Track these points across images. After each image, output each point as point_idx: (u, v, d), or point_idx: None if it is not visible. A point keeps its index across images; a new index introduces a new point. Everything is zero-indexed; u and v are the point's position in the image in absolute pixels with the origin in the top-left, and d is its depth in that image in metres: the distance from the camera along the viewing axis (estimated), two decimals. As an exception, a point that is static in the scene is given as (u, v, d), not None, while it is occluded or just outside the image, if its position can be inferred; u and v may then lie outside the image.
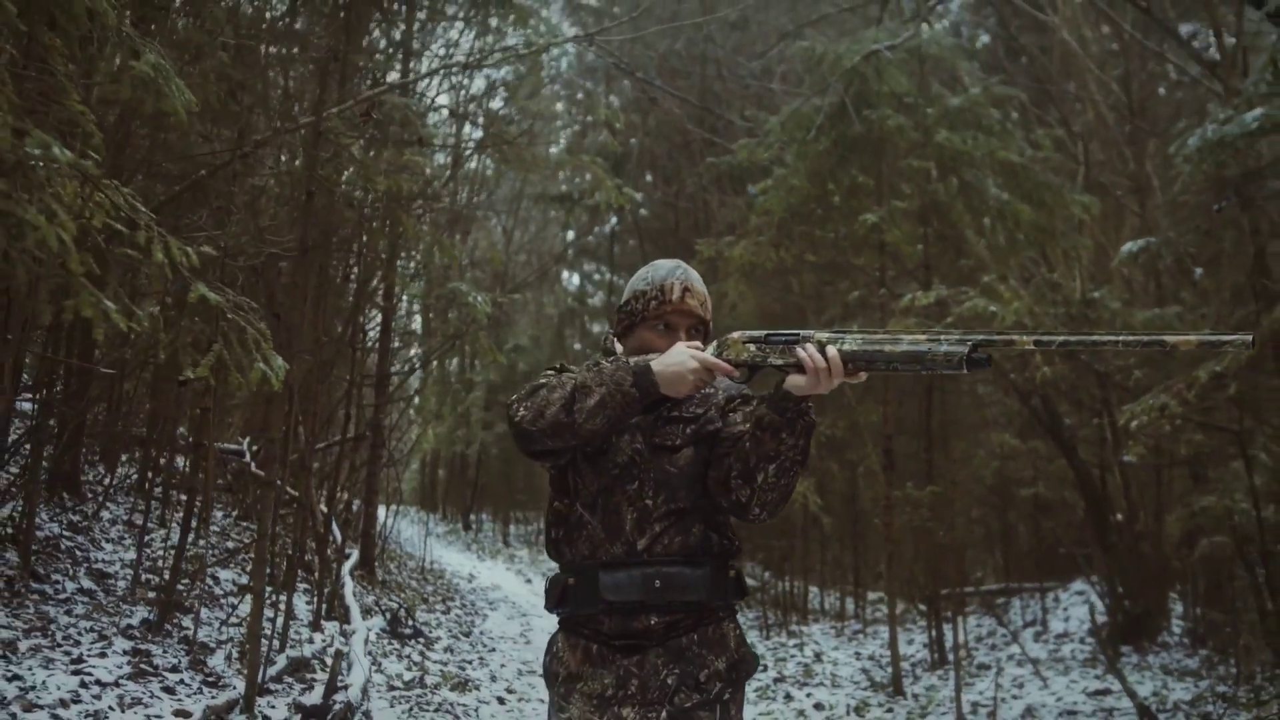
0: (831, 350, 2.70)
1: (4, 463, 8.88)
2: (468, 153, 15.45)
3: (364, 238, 12.43)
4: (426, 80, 12.90)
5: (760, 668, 12.71)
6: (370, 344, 15.91)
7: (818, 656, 13.30)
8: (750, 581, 18.34)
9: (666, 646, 2.88)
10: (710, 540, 2.96)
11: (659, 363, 2.87)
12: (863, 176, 11.21)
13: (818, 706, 10.41)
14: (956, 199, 11.01)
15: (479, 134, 15.94)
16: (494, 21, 11.06)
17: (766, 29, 20.65)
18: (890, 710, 10.15)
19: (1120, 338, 2.43)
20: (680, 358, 2.86)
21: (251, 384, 3.92)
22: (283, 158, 10.85)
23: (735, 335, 2.93)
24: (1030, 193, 11.17)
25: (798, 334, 2.81)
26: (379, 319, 15.78)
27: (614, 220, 28.00)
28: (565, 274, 33.92)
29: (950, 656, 12.26)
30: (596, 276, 33.34)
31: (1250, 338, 2.24)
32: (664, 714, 2.82)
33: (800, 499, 14.20)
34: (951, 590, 14.98)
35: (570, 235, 31.58)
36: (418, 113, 11.31)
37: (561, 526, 3.06)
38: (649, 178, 26.61)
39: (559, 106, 25.89)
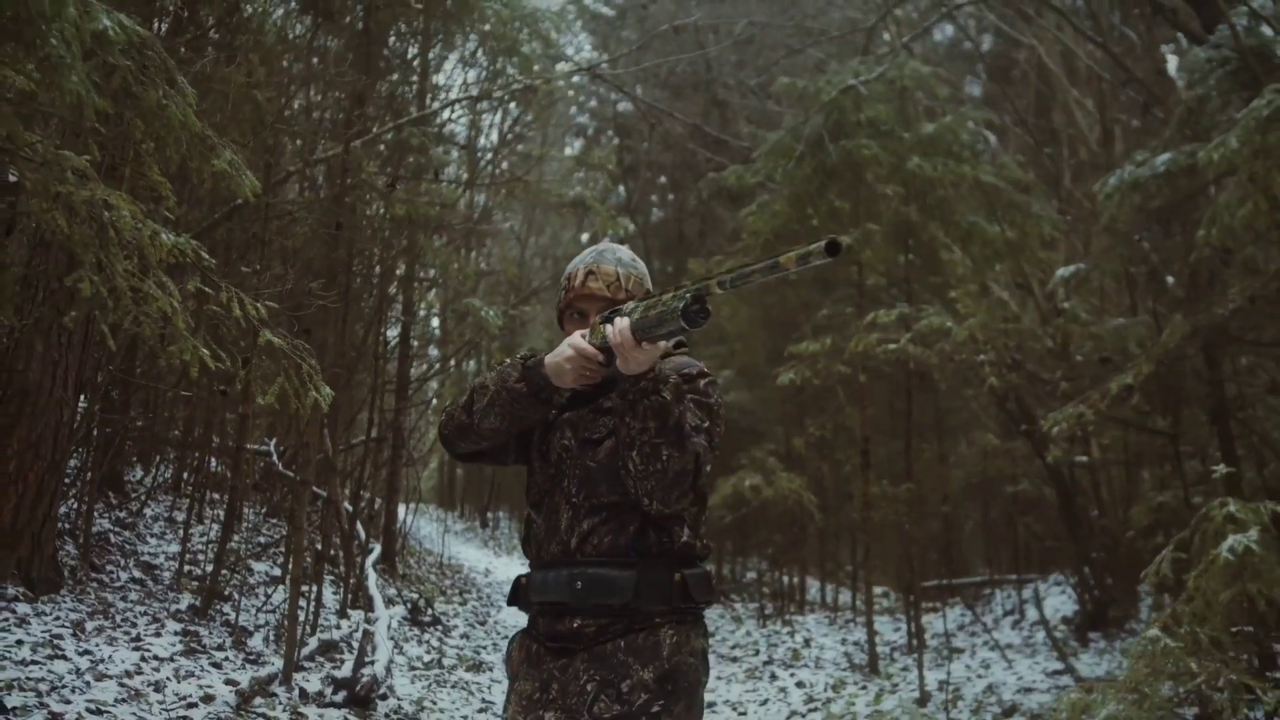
0: (622, 322, 2.60)
1: (64, 466, 9.86)
2: (480, 185, 16.35)
3: (383, 257, 13.39)
4: (442, 113, 13.86)
5: (754, 652, 13.71)
6: (390, 351, 16.84)
7: (806, 642, 14.27)
8: (750, 574, 19.30)
9: (592, 652, 2.76)
10: (647, 539, 2.81)
11: (550, 354, 2.83)
12: (840, 201, 12.14)
13: (799, 685, 11.42)
14: (930, 220, 11.93)
15: (492, 152, 17.02)
16: (502, 64, 11.97)
17: (768, 46, 21.47)
18: (864, 688, 11.13)
19: (755, 267, 2.35)
20: (562, 347, 2.80)
21: (306, 407, 4.90)
22: (308, 190, 11.84)
23: (598, 317, 2.81)
24: (1001, 212, 12.10)
25: (619, 310, 2.69)
26: (398, 329, 16.72)
27: (628, 226, 28.87)
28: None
29: (929, 642, 13.20)
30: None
31: (824, 244, 2.19)
32: None
33: (795, 495, 15.12)
34: (939, 582, 15.94)
35: (584, 238, 32.44)
36: (433, 138, 12.27)
37: (526, 526, 3.06)
38: (663, 179, 27.33)
39: (572, 110, 26.76)
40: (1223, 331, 8.27)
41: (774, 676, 11.99)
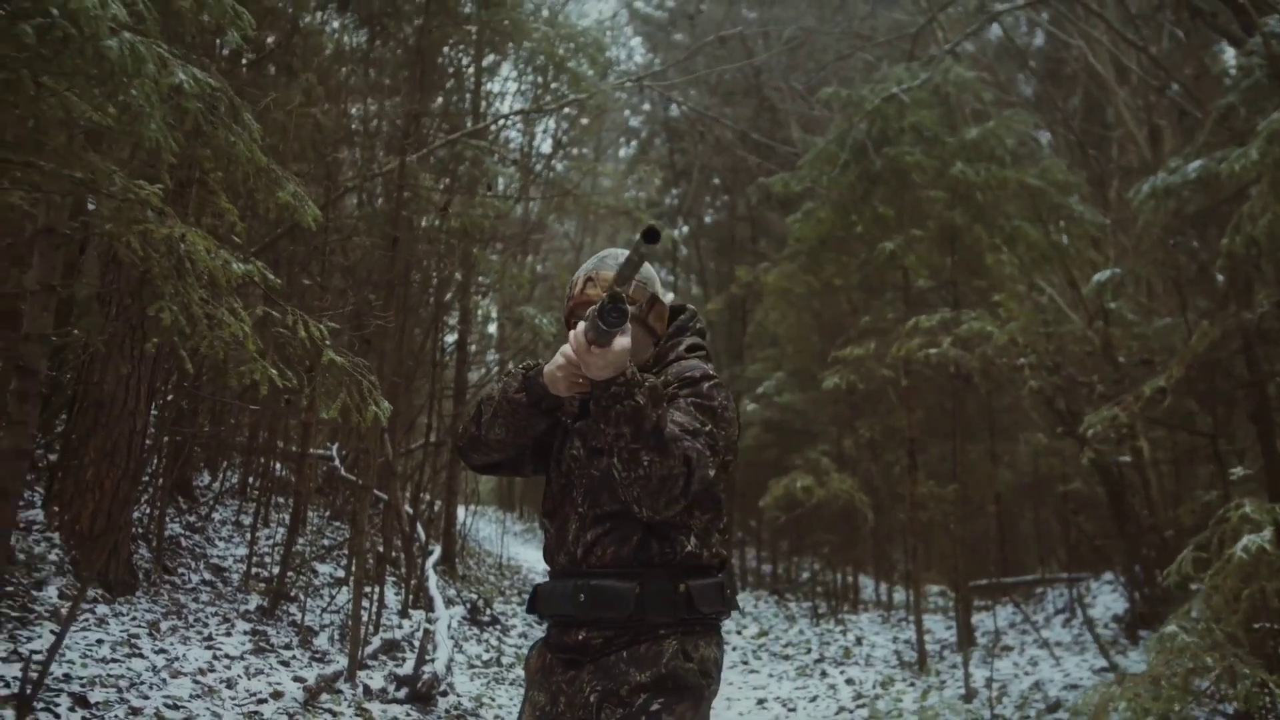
0: (576, 330, 2.56)
1: (139, 472, 10.29)
2: (532, 198, 16.69)
3: (439, 267, 13.76)
4: (495, 126, 14.22)
5: (805, 650, 13.95)
6: (448, 357, 17.20)
7: (858, 640, 14.50)
8: (805, 574, 19.49)
9: (598, 664, 2.75)
10: (649, 550, 2.77)
11: (548, 364, 2.80)
12: (884, 208, 12.36)
13: (849, 682, 11.66)
14: (975, 224, 12.12)
15: (545, 159, 17.37)
16: (551, 80, 12.29)
17: (817, 49, 21.66)
18: (912, 684, 11.34)
19: (625, 261, 2.37)
20: (556, 356, 2.76)
21: (367, 421, 5.23)
22: (366, 203, 12.25)
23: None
24: (1046, 215, 12.27)
25: (585, 316, 2.59)
26: (455, 336, 17.07)
27: (681, 228, 29.10)
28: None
29: (980, 640, 13.38)
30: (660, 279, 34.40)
31: (640, 233, 2.25)
32: None
33: (847, 495, 15.34)
34: (990, 581, 16.07)
35: (638, 238, 32.54)
36: (486, 150, 12.62)
37: (543, 536, 3.04)
38: (716, 180, 27.56)
39: (625, 113, 27.06)
40: (1260, 334, 8.43)
41: (824, 674, 12.23)
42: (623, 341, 2.49)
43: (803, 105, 20.85)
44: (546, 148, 19.89)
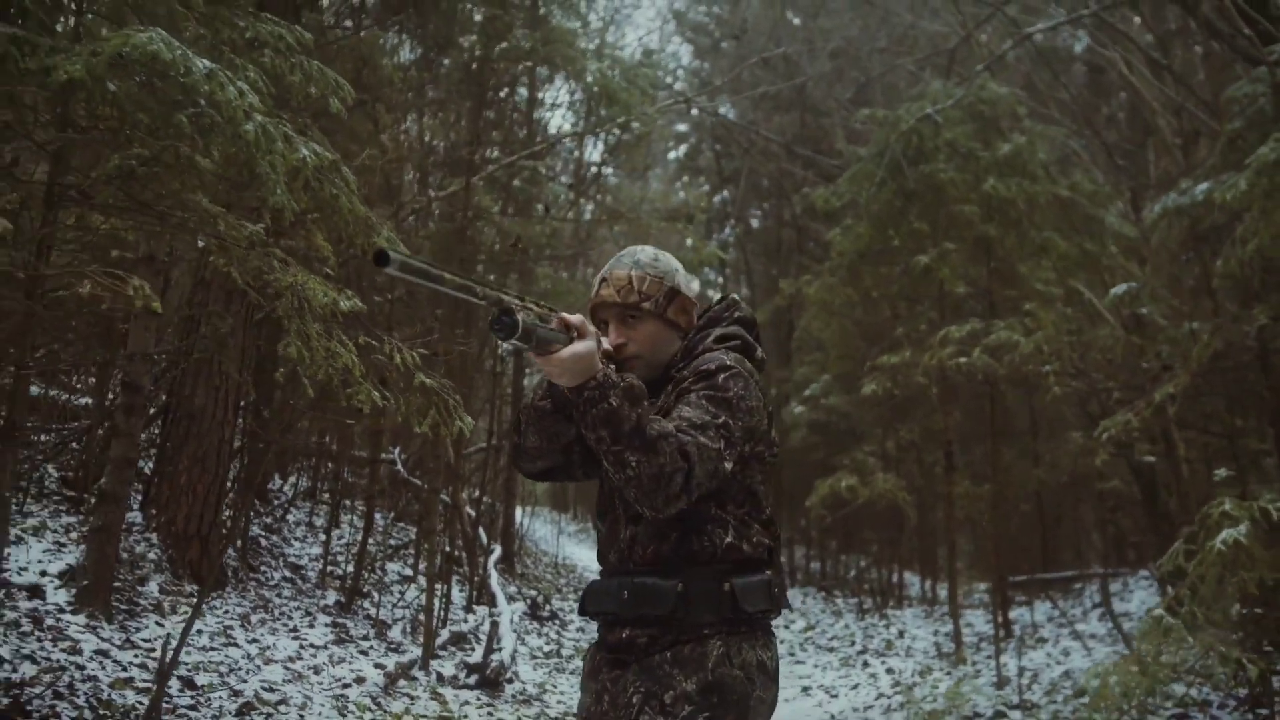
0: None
1: (226, 478, 11.10)
2: (582, 219, 17.35)
3: (497, 280, 14.52)
4: (549, 148, 14.96)
5: (850, 643, 14.61)
6: (506, 363, 17.90)
7: (900, 634, 15.14)
8: (851, 571, 20.09)
9: (643, 663, 2.71)
10: (689, 546, 2.74)
11: None
12: (919, 222, 12.96)
13: (889, 671, 12.34)
14: (1007, 235, 12.71)
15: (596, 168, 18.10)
16: (603, 110, 12.97)
17: (861, 58, 22.21)
18: (949, 673, 11.99)
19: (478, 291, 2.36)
20: None
21: (453, 434, 5.97)
22: (430, 222, 13.02)
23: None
24: (1079, 225, 12.84)
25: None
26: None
27: (728, 231, 29.57)
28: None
29: (1017, 632, 13.97)
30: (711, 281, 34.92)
31: (372, 255, 2.22)
32: None
33: (891, 495, 15.93)
34: (1028, 577, 16.62)
35: (689, 242, 33.17)
36: (542, 177, 13.39)
37: (598, 536, 3.03)
38: (765, 181, 28.06)
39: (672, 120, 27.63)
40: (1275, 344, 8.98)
41: (866, 664, 12.92)
42: (577, 349, 2.49)
43: (848, 115, 21.41)
44: (596, 155, 20.62)
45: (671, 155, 30.81)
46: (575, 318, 2.54)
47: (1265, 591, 5.93)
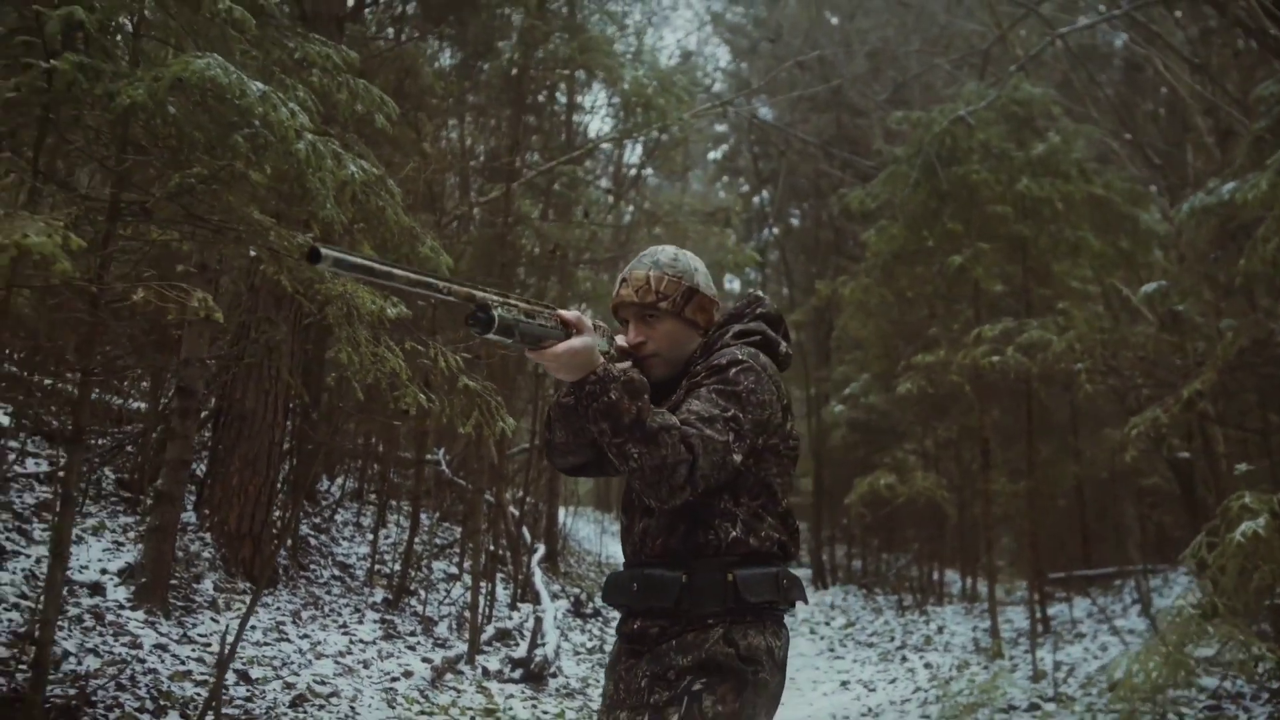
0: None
1: (276, 479, 11.41)
2: (621, 224, 17.57)
3: (538, 284, 14.80)
4: (589, 149, 15.22)
5: (889, 639, 14.77)
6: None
7: (939, 629, 15.29)
8: (892, 569, 20.21)
9: (654, 652, 2.79)
10: (696, 539, 2.80)
11: None
12: (952, 223, 13.10)
13: (926, 666, 12.51)
14: (1040, 235, 12.83)
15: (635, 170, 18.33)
16: (639, 116, 13.18)
17: (898, 57, 22.31)
18: (986, 668, 12.13)
19: (438, 284, 2.42)
20: None
21: (496, 435, 6.23)
22: (472, 228, 13.31)
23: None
24: (1113, 223, 12.95)
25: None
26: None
27: (768, 232, 29.69)
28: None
29: (1056, 628, 14.09)
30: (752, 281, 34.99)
31: (305, 252, 2.27)
32: (646, 717, 2.71)
33: (930, 493, 16.07)
34: (1068, 573, 16.70)
35: (731, 241, 33.25)
36: (582, 182, 13.64)
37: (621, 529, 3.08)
38: (803, 183, 28.13)
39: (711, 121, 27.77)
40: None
41: (904, 659, 13.09)
42: (573, 344, 2.57)
43: (884, 115, 21.53)
44: (635, 158, 20.84)
45: (710, 156, 30.94)
46: (571, 314, 2.63)
47: (1284, 581, 6.09)
